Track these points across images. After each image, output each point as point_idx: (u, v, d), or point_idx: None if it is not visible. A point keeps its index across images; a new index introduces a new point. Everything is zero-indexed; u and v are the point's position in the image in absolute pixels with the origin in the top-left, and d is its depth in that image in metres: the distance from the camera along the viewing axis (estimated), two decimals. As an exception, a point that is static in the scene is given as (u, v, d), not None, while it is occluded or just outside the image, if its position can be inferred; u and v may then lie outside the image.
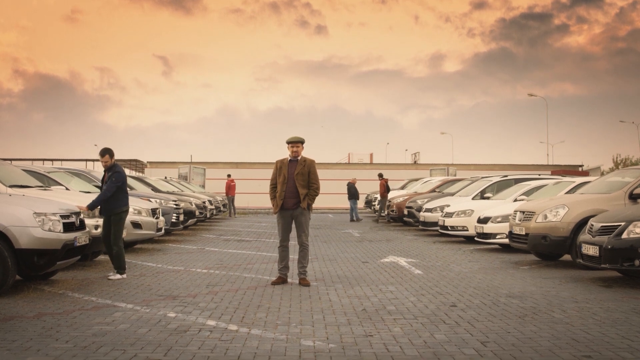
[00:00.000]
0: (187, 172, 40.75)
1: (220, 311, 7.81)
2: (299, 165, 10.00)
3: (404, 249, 16.37)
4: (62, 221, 9.20)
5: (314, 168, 10.09)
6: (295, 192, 9.98)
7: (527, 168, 52.23)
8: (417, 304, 8.39)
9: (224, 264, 12.85)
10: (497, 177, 21.33)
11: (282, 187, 9.96)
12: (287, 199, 9.99)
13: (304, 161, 10.04)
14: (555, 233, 12.14)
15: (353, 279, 10.73)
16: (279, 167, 10.05)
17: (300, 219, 10.02)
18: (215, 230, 23.20)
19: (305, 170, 9.97)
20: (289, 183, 9.96)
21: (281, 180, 9.98)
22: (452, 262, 13.24)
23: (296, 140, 10.08)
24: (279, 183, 10.00)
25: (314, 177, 10.05)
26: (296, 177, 9.93)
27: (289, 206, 10.00)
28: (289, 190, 9.97)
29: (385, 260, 13.65)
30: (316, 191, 10.05)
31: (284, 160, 10.11)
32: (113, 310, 7.78)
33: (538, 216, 12.53)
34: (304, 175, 9.97)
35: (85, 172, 17.52)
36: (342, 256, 14.45)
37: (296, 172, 9.94)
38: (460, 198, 20.85)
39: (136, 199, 15.60)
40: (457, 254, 14.98)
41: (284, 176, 9.97)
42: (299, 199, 9.99)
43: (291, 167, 10.01)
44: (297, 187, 9.95)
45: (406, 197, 26.43)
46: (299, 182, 9.94)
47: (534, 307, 8.13)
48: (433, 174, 41.66)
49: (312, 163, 10.10)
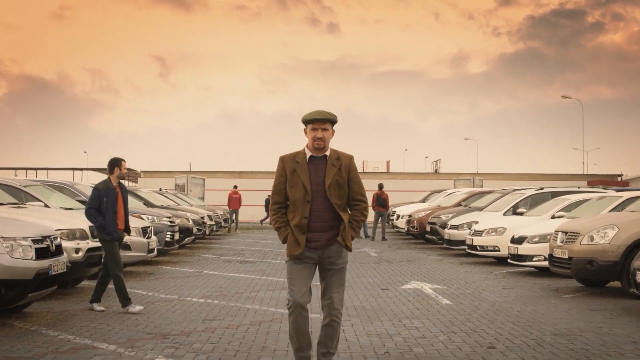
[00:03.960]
0: (185, 183, 40.37)
1: (217, 354, 7.31)
2: (330, 165, 6.18)
3: (427, 272, 15.92)
4: (34, 247, 8.76)
5: (355, 171, 6.32)
6: (328, 218, 6.16)
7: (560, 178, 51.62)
8: (449, 344, 7.86)
9: (224, 291, 12.39)
10: (531, 190, 20.94)
11: (302, 209, 6.11)
12: (314, 232, 6.13)
13: (336, 159, 6.22)
14: (604, 257, 11.71)
15: (372, 311, 10.23)
16: (291, 170, 6.18)
17: (335, 267, 6.19)
18: (215, 249, 22.77)
19: (343, 176, 6.19)
20: (316, 201, 6.12)
21: (299, 196, 6.13)
22: (484, 289, 12.75)
23: (323, 118, 6.13)
24: (294, 200, 6.17)
25: (357, 186, 6.28)
26: (328, 190, 6.13)
27: (318, 244, 6.13)
28: (315, 216, 6.12)
29: (408, 286, 13.18)
30: (364, 213, 6.28)
31: (297, 158, 6.21)
32: (92, 354, 7.27)
33: (583, 237, 12.07)
34: (340, 184, 6.18)
35: (68, 185, 17.09)
36: (358, 281, 13.94)
37: (327, 181, 6.14)
38: (490, 213, 20.47)
39: None
40: (488, 279, 14.56)
41: (302, 188, 6.12)
42: (334, 231, 6.17)
43: (315, 170, 6.18)
44: (329, 208, 6.15)
45: (428, 212, 25.98)
46: (334, 198, 6.14)
47: (585, 350, 7.59)
48: (457, 185, 41.17)
49: (350, 162, 6.30)
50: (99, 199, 10.13)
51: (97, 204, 10.12)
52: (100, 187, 10.23)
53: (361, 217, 6.27)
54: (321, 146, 6.16)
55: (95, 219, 10.08)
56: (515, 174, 52.83)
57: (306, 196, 6.11)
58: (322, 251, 6.15)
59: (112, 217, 10.16)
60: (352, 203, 6.28)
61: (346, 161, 6.27)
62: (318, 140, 6.13)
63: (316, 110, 6.20)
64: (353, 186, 6.27)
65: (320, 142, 6.14)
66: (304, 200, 6.11)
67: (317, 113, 6.16)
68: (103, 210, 10.12)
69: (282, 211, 6.27)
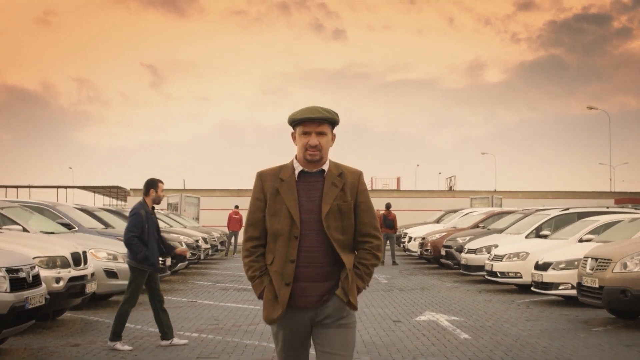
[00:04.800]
0: (178, 202, 40.28)
1: (211, 399, 7.09)
2: (329, 185, 4.70)
3: (443, 301, 15.76)
4: (9, 277, 8.60)
5: (365, 193, 4.80)
6: (325, 262, 4.64)
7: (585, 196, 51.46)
8: (469, 387, 7.64)
9: (220, 323, 12.22)
10: (555, 211, 20.81)
11: (287, 248, 4.61)
12: (303, 281, 4.61)
13: (338, 175, 4.74)
14: (638, 287, 11.62)
15: (383, 348, 10.05)
16: (273, 191, 4.71)
17: (336, 330, 4.67)
18: (210, 275, 22.60)
19: (348, 200, 4.70)
20: (308, 237, 4.62)
21: (283, 230, 4.64)
22: (506, 321, 12.59)
23: (318, 117, 4.66)
24: (275, 235, 4.67)
25: (367, 215, 4.77)
26: (326, 220, 4.62)
27: (308, 301, 4.63)
28: (306, 258, 4.61)
29: (422, 318, 13.02)
30: (376, 254, 4.74)
31: (282, 174, 4.75)
32: (71, 398, 7.06)
33: (615, 265, 11.96)
34: (344, 212, 4.67)
35: (49, 206, 16.97)
36: (367, 312, 13.75)
37: (325, 207, 4.64)
38: (511, 236, 20.34)
39: (111, 239, 15.14)
40: (510, 309, 14.40)
41: (288, 217, 4.63)
42: (332, 282, 4.66)
43: (307, 192, 4.70)
44: (327, 247, 4.63)
45: (443, 234, 25.86)
46: (335, 232, 4.64)
47: (623, 393, 7.37)
48: (474, 204, 41.07)
49: (358, 180, 4.79)
50: (141, 226, 9.86)
51: (140, 232, 9.84)
52: (142, 212, 9.93)
53: (372, 261, 4.71)
54: (316, 157, 4.64)
55: (139, 249, 9.79)
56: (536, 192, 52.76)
57: (293, 229, 4.57)
58: (314, 312, 4.60)
59: (155, 246, 9.95)
60: (360, 240, 4.72)
61: (352, 179, 4.72)
62: (312, 149, 4.63)
63: (309, 106, 4.71)
64: (362, 215, 4.71)
65: (315, 151, 4.63)
66: (289, 235, 4.58)
67: (309, 110, 4.66)
68: (145, 239, 9.87)
69: (260, 251, 4.72)
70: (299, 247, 4.59)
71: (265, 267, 4.70)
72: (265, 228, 4.73)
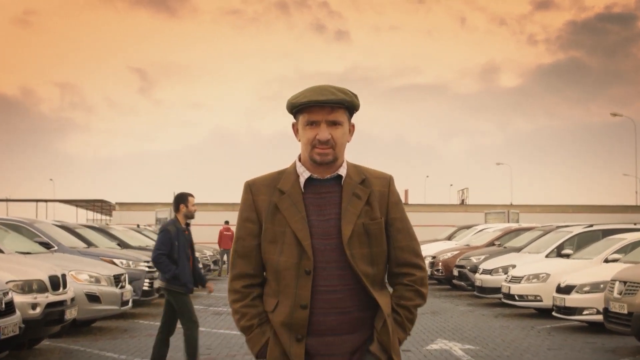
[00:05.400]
0: (167, 217, 40.15)
1: None
2: (350, 196, 3.68)
3: (456, 327, 15.68)
4: (-21, 305, 8.45)
5: (399, 206, 3.80)
6: (351, 306, 3.64)
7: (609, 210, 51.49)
8: None
9: (212, 353, 12.15)
10: (578, 228, 20.80)
11: (295, 288, 3.60)
12: (322, 336, 3.63)
13: (360, 182, 3.72)
14: (672, 313, 11.51)
15: (391, 381, 9.85)
16: (270, 208, 3.69)
17: None
18: (202, 298, 22.50)
19: (377, 216, 3.70)
20: (325, 272, 3.61)
21: (288, 263, 3.61)
22: (526, 350, 12.58)
23: (330, 100, 3.59)
24: (277, 271, 3.66)
25: (405, 236, 3.77)
26: (349, 246, 3.60)
27: (331, 352, 3.64)
28: (324, 301, 3.60)
29: (434, 346, 12.95)
30: (420, 291, 3.75)
31: (281, 184, 3.73)
32: None
33: (646, 288, 11.84)
34: (373, 234, 3.68)
35: (26, 223, 16.94)
36: (373, 340, 13.61)
37: (347, 228, 3.62)
38: (530, 256, 20.34)
39: (94, 260, 15.18)
40: (530, 336, 14.34)
41: (295, 243, 3.61)
42: (364, 332, 3.69)
43: (319, 207, 3.68)
44: (353, 284, 3.63)
45: (456, 252, 25.84)
46: (362, 262, 3.63)
47: None
48: (489, 220, 41.02)
49: (388, 187, 3.78)
50: (170, 243, 9.89)
51: (169, 250, 9.87)
52: (171, 229, 9.99)
53: (416, 301, 3.71)
54: (328, 158, 3.60)
55: (167, 268, 9.81)
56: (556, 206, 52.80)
57: (303, 261, 3.55)
58: None
59: (186, 264, 9.95)
60: (398, 271, 3.73)
61: (380, 187, 3.72)
62: (321, 146, 3.58)
63: (316, 85, 3.66)
64: (398, 237, 3.70)
65: (327, 149, 3.58)
66: (298, 269, 3.56)
67: (317, 90, 3.60)
68: (175, 257, 9.88)
69: (255, 292, 3.70)
70: (314, 286, 3.56)
71: (266, 314, 3.68)
72: (261, 260, 3.69)
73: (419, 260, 3.75)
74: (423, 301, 3.73)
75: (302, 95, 3.61)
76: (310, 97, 3.57)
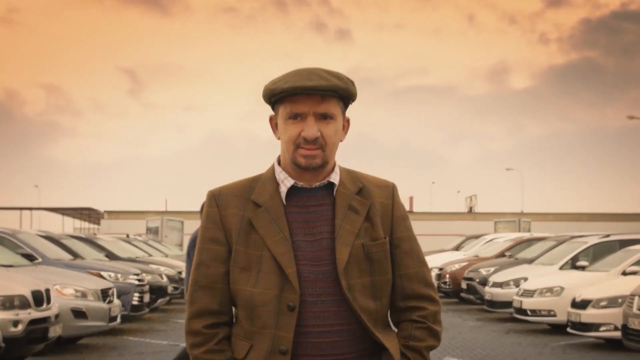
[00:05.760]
0: (159, 226, 40.22)
1: None
2: (344, 209, 3.02)
3: (465, 344, 15.65)
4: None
5: (405, 222, 3.15)
6: (348, 348, 2.96)
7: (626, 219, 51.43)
8: None
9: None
10: (594, 238, 20.77)
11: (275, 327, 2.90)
12: None
13: (357, 192, 3.08)
14: (695, 330, 11.40)
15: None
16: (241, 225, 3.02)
17: None
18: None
19: (379, 234, 3.04)
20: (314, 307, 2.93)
21: (266, 296, 2.91)
22: (540, 370, 12.40)
23: (316, 87, 2.92)
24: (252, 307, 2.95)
25: (414, 259, 3.11)
26: (345, 275, 2.92)
27: None
28: (311, 347, 2.92)
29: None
30: (434, 329, 3.07)
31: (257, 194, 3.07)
32: None
33: (668, 304, 11.75)
34: (375, 260, 3.01)
35: (8, 233, 16.81)
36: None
37: (343, 251, 2.94)
38: (543, 268, 20.28)
39: (80, 273, 15.14)
40: (544, 354, 14.34)
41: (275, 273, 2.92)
42: None
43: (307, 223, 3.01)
44: (350, 323, 2.96)
45: (464, 264, 25.85)
46: (359, 298, 2.96)
47: None
48: (499, 229, 40.99)
49: (391, 198, 3.14)
50: None
51: None
52: None
53: (429, 342, 3.05)
54: (316, 162, 2.96)
55: None
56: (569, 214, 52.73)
57: (286, 294, 2.89)
58: None
59: None
60: (404, 305, 3.10)
61: (382, 197, 3.10)
62: (308, 145, 2.95)
63: (302, 68, 3.04)
64: (405, 262, 3.08)
65: (314, 149, 2.95)
66: (279, 305, 2.90)
67: (303, 74, 2.96)
68: None
69: (222, 333, 3.02)
70: (298, 326, 2.90)
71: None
72: (229, 293, 3.00)
73: (431, 291, 3.09)
74: (437, 342, 3.08)
75: (284, 80, 2.97)
76: (294, 82, 2.92)
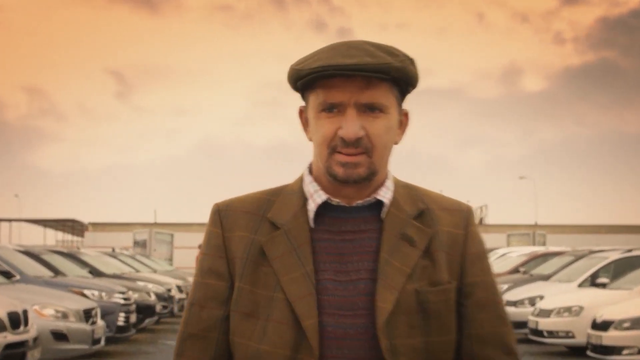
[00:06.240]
0: (147, 239, 40.10)
1: None
2: (395, 239, 2.21)
3: (477, 368, 15.34)
4: None
5: (481, 261, 2.29)
6: None
7: (648, 230, 51.20)
8: None
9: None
10: (615, 253, 20.78)
11: None
12: None
13: (415, 214, 2.26)
14: None
15: None
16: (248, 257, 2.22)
17: None
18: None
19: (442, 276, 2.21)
20: None
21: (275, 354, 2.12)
22: (558, 397, 12.26)
23: (360, 66, 2.14)
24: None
25: (489, 313, 2.24)
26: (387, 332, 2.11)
27: None
28: None
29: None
30: None
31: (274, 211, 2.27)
32: None
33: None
34: (433, 313, 2.18)
35: (-16, 250, 16.68)
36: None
37: (386, 299, 2.12)
38: (560, 285, 20.25)
39: (61, 292, 15.16)
40: None
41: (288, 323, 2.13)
42: None
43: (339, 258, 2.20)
44: None
45: (475, 281, 25.64)
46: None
47: None
48: (512, 242, 40.83)
49: (463, 227, 2.29)
50: None
51: None
52: None
53: None
54: (359, 172, 2.18)
55: None
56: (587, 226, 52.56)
57: (302, 355, 2.13)
58: None
59: None
60: None
61: (451, 225, 2.31)
62: (348, 149, 2.17)
63: (339, 42, 2.37)
64: (478, 317, 2.26)
65: (357, 155, 2.17)
66: None
67: (342, 50, 2.26)
68: None
69: None
70: None
71: None
72: (226, 345, 2.25)
73: (514, 351, 2.30)
74: None
75: (315, 57, 2.30)
76: (328, 59, 2.23)
